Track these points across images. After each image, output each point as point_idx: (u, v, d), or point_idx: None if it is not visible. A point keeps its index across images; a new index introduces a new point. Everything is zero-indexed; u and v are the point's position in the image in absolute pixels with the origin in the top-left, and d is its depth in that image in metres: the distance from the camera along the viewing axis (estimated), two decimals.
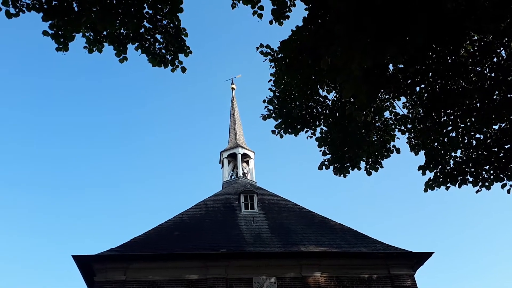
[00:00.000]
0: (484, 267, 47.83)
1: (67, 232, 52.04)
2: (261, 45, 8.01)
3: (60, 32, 5.94)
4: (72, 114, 59.97)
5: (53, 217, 54.14)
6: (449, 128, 7.70)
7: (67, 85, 59.68)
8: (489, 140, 7.66)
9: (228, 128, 24.91)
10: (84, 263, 12.98)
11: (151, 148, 62.66)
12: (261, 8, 7.50)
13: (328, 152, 8.35)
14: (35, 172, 57.02)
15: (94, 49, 6.79)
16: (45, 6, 5.68)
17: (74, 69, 60.37)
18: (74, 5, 5.77)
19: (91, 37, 6.69)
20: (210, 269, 13.29)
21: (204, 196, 20.04)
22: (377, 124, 8.57)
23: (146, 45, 7.07)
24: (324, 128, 8.51)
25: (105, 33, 6.65)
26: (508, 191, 7.90)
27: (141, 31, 6.84)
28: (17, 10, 5.80)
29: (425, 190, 8.25)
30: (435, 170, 8.08)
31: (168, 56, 7.32)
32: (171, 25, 7.12)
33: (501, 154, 7.52)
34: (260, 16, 7.64)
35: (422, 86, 7.56)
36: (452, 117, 7.60)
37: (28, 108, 58.95)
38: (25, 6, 5.78)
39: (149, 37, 7.00)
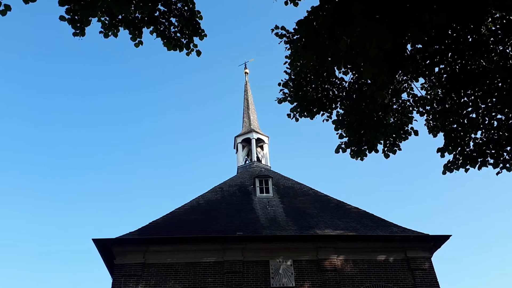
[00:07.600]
0: (503, 251, 47.40)
1: (86, 216, 53.17)
2: (276, 27, 7.90)
3: (76, 17, 5.96)
4: (92, 97, 60.68)
5: (72, 202, 55.31)
6: (469, 109, 7.54)
7: (97, 69, 60.25)
8: (510, 121, 7.50)
9: (242, 113, 24.89)
10: (104, 246, 13.27)
11: (166, 134, 63.20)
12: None
13: (345, 135, 8.28)
14: (57, 157, 58.15)
15: (110, 33, 6.82)
16: None
17: (98, 52, 60.85)
18: None
19: (106, 22, 6.70)
20: (227, 252, 13.46)
21: (220, 181, 20.20)
22: (394, 106, 8.46)
23: (161, 28, 7.06)
24: (341, 110, 8.43)
25: (120, 17, 6.65)
26: None
27: (156, 14, 6.83)
28: None
29: (444, 173, 8.14)
30: (454, 152, 7.96)
31: (183, 40, 7.31)
32: (186, 8, 7.09)
33: None
34: None
35: (441, 66, 7.39)
36: (472, 97, 7.43)
37: (59, 92, 59.80)
38: None
39: (164, 20, 6.99)
